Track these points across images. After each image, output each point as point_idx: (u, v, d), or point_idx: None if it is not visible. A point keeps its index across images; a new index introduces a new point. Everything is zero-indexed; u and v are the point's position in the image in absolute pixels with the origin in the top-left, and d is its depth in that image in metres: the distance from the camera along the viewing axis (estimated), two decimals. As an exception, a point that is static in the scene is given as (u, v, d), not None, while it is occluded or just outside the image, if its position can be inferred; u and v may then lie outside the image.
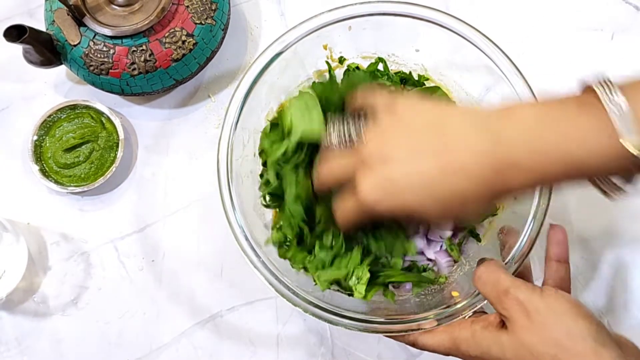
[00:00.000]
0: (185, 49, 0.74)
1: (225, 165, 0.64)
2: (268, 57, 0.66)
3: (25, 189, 0.78)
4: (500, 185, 0.49)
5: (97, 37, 0.72)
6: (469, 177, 0.49)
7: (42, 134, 0.77)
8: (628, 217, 0.76)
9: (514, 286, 0.53)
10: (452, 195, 0.50)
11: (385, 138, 0.54)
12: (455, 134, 0.51)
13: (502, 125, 0.49)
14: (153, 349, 0.74)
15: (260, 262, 0.62)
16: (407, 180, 0.51)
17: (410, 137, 0.52)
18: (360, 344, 0.74)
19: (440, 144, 0.51)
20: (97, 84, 0.75)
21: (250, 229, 0.63)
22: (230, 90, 0.81)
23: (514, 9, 0.83)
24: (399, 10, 0.66)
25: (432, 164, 0.51)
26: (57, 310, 0.75)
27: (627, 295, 0.75)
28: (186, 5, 0.74)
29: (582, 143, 0.46)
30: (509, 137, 0.49)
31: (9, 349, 0.74)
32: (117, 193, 0.78)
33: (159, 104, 0.81)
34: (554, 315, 0.50)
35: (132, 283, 0.76)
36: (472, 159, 0.49)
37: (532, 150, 0.48)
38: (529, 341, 0.50)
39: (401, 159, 0.52)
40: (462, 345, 0.55)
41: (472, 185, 0.50)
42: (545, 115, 0.48)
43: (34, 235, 0.77)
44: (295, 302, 0.61)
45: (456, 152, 0.50)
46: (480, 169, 0.49)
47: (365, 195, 0.53)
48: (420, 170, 0.51)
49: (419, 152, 0.51)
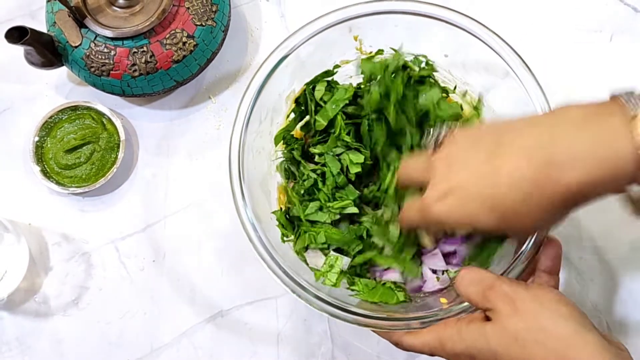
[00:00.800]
0: (186, 50, 0.74)
1: (237, 143, 0.64)
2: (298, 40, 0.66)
3: (27, 189, 0.78)
4: (554, 183, 0.48)
5: (98, 38, 0.73)
6: (521, 177, 0.49)
7: (44, 135, 0.78)
8: (627, 217, 0.76)
9: (499, 280, 0.53)
10: (508, 200, 0.50)
11: (455, 147, 0.55)
12: (511, 135, 0.51)
13: (550, 122, 0.49)
14: (154, 349, 0.74)
15: (259, 241, 0.62)
16: (467, 188, 0.52)
17: (474, 145, 0.53)
18: (360, 344, 0.74)
19: (495, 146, 0.52)
20: (98, 85, 0.76)
21: (254, 206, 0.63)
22: (231, 91, 0.82)
23: (513, 10, 0.83)
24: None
25: (486, 165, 0.51)
26: (58, 310, 0.75)
27: (626, 296, 0.75)
28: (187, 6, 0.74)
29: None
30: (558, 133, 0.48)
31: (10, 349, 0.74)
32: (118, 194, 0.79)
33: (159, 105, 0.82)
34: (538, 303, 0.51)
35: (132, 283, 0.76)
36: (523, 156, 0.49)
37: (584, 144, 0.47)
38: (513, 327, 0.50)
39: (462, 165, 0.53)
40: (448, 343, 0.54)
41: (525, 186, 0.49)
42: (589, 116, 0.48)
43: (35, 236, 0.77)
44: (310, 302, 0.60)
45: (509, 152, 0.50)
46: (530, 166, 0.49)
47: (428, 204, 0.55)
48: (473, 171, 0.52)
49: (477, 155, 0.52)
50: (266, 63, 0.65)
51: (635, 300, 0.74)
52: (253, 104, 0.65)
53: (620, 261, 0.75)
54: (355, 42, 0.70)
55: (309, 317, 0.75)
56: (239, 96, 0.81)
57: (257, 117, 0.66)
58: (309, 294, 0.60)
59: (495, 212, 0.51)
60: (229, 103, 0.81)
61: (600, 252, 0.76)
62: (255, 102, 0.65)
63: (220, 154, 0.79)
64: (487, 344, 0.51)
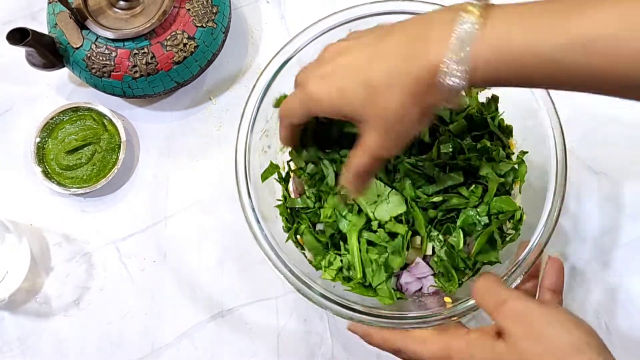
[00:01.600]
0: (187, 51, 0.74)
1: (245, 135, 0.64)
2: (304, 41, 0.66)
3: (28, 190, 0.79)
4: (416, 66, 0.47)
5: (99, 40, 0.73)
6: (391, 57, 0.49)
7: (45, 136, 0.78)
8: (627, 216, 0.77)
9: (512, 297, 0.52)
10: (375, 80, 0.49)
11: (343, 46, 0.54)
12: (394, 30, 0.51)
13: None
14: (154, 348, 0.74)
15: (264, 238, 0.62)
16: (340, 69, 0.52)
17: (361, 43, 0.53)
18: (361, 344, 0.74)
19: (377, 38, 0.51)
20: (99, 86, 0.76)
21: (260, 205, 0.64)
22: (232, 93, 0.82)
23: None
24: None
25: (364, 52, 0.51)
26: (59, 310, 0.76)
27: (625, 297, 0.75)
28: (187, 8, 0.74)
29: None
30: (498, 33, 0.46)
31: (12, 349, 0.74)
32: (119, 194, 0.79)
33: (160, 106, 0.82)
34: (551, 325, 0.49)
35: (133, 284, 0.76)
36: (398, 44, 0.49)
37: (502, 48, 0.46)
38: (527, 350, 0.49)
39: (346, 52, 0.52)
40: (457, 355, 0.53)
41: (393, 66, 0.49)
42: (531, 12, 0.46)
43: (37, 236, 0.77)
44: (317, 301, 0.60)
45: (387, 41, 0.50)
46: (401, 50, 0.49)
47: (307, 81, 0.54)
48: (352, 58, 0.51)
49: (360, 46, 0.52)
50: (271, 64, 0.66)
51: (634, 302, 0.75)
52: (259, 103, 0.65)
53: (620, 262, 0.76)
54: None
55: (309, 317, 0.75)
56: (239, 97, 0.82)
57: (263, 117, 0.66)
58: (314, 292, 0.60)
59: (367, 87, 0.50)
60: (229, 104, 0.82)
61: (600, 253, 0.76)
62: (262, 101, 0.65)
63: (220, 155, 0.80)
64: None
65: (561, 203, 0.60)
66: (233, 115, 0.81)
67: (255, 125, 0.65)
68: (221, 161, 0.80)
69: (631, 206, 0.77)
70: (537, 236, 0.59)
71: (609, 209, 0.77)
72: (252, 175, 0.64)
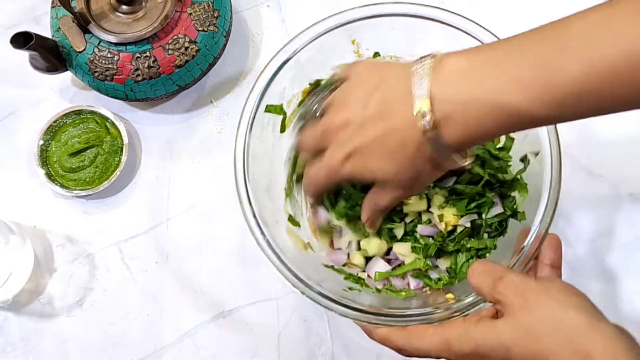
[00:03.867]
0: (188, 55, 0.75)
1: (243, 138, 0.65)
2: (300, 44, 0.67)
3: (32, 192, 0.79)
4: (436, 142, 0.51)
5: (102, 43, 0.74)
6: (409, 134, 0.52)
7: (48, 139, 0.79)
8: (622, 218, 0.77)
9: (509, 272, 0.53)
10: (396, 152, 0.54)
11: (342, 100, 0.58)
12: (393, 94, 0.54)
13: (433, 79, 0.51)
14: (156, 349, 0.75)
15: (265, 241, 0.63)
16: (360, 151, 0.55)
17: (360, 99, 0.56)
18: (360, 344, 0.75)
19: (383, 103, 0.54)
20: (101, 89, 0.77)
21: (260, 209, 0.64)
22: (233, 96, 0.83)
23: (508, 13, 0.83)
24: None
25: (377, 127, 0.54)
26: (62, 311, 0.76)
27: (621, 298, 0.75)
28: (189, 12, 0.75)
29: (521, 88, 0.47)
30: (440, 92, 0.50)
31: (15, 349, 0.75)
32: (122, 196, 0.80)
33: (162, 109, 0.82)
34: (548, 295, 0.50)
35: (135, 284, 0.77)
36: (406, 121, 0.52)
37: (464, 102, 0.49)
38: (525, 320, 0.49)
39: (356, 122, 0.55)
40: (455, 343, 0.52)
41: (412, 141, 0.52)
42: (475, 64, 0.50)
43: (40, 238, 0.78)
44: (321, 302, 0.61)
45: (397, 111, 0.53)
46: (413, 130, 0.51)
47: (336, 166, 0.57)
48: (365, 139, 0.55)
49: (369, 112, 0.55)
50: (268, 67, 0.66)
51: (630, 303, 0.75)
52: (256, 107, 0.66)
53: (618, 262, 0.76)
54: (353, 45, 0.71)
55: (309, 318, 0.76)
56: (240, 100, 0.81)
57: (260, 122, 0.67)
58: (314, 292, 0.61)
59: (396, 163, 0.54)
60: (230, 107, 0.82)
61: (598, 253, 0.76)
62: (259, 106, 0.66)
63: (222, 157, 0.80)
64: (499, 339, 0.50)
65: (555, 205, 0.60)
66: (234, 118, 0.81)
67: (253, 128, 0.66)
68: (222, 163, 0.80)
69: (626, 208, 0.77)
70: (528, 241, 0.60)
71: (604, 210, 0.77)
72: (251, 180, 0.65)
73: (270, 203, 0.69)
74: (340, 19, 0.67)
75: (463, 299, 0.59)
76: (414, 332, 0.56)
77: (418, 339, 0.56)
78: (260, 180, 0.67)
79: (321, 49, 0.69)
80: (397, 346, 0.58)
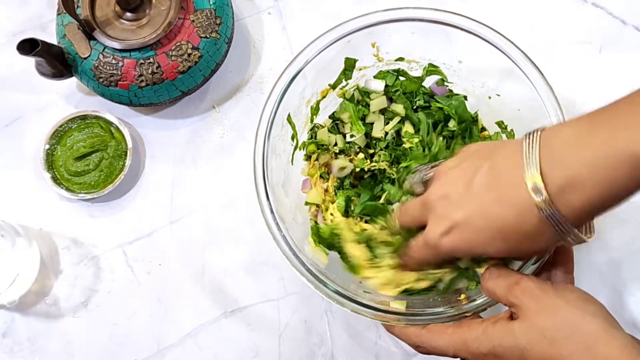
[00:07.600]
0: (191, 61, 0.76)
1: (263, 137, 0.66)
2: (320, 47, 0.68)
3: (38, 195, 0.80)
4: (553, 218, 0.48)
5: (107, 50, 0.74)
6: (522, 211, 0.49)
7: (54, 143, 0.79)
8: (617, 221, 0.77)
9: (525, 277, 0.53)
10: (508, 230, 0.50)
11: (446, 172, 0.56)
12: (505, 166, 0.51)
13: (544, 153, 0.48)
14: (160, 349, 0.76)
15: (280, 235, 0.64)
16: (460, 226, 0.52)
17: (465, 174, 0.53)
18: (359, 345, 0.76)
19: (490, 177, 0.51)
20: (106, 95, 0.77)
21: (277, 206, 0.65)
22: (234, 101, 0.84)
23: (505, 22, 0.84)
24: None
25: (487, 198, 0.51)
26: (67, 312, 0.77)
27: (615, 301, 0.76)
28: (192, 19, 0.76)
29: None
30: (558, 155, 0.47)
31: (22, 348, 0.76)
32: (126, 200, 0.80)
33: (165, 114, 0.83)
34: (566, 300, 0.50)
35: (139, 286, 0.78)
36: (523, 190, 0.48)
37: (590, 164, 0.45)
38: (542, 324, 0.49)
39: (459, 196, 0.53)
40: (473, 343, 0.53)
41: (527, 218, 0.49)
42: (582, 130, 0.47)
43: (46, 240, 0.79)
44: (337, 300, 0.62)
45: (506, 186, 0.50)
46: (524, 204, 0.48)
47: (435, 241, 0.54)
48: (467, 213, 0.52)
49: (474, 188, 0.52)
50: (290, 66, 0.67)
51: (623, 306, 0.76)
52: (277, 106, 0.67)
53: (609, 266, 0.77)
54: (373, 48, 0.73)
55: (309, 318, 0.77)
56: (242, 106, 0.83)
57: (280, 121, 0.68)
58: (330, 289, 0.61)
59: (508, 241, 0.51)
60: (232, 112, 0.83)
61: (590, 257, 0.77)
62: (279, 105, 0.67)
63: (223, 161, 0.81)
64: (515, 341, 0.50)
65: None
66: (236, 123, 0.83)
67: (272, 130, 0.66)
68: (224, 167, 0.81)
69: (621, 210, 0.77)
70: None
71: (620, 216, 0.77)
72: (270, 179, 0.66)
73: (285, 198, 0.70)
74: (361, 22, 0.68)
75: (476, 300, 0.60)
76: (433, 330, 0.58)
77: (437, 338, 0.57)
78: (277, 178, 0.68)
79: (342, 51, 0.70)
80: (415, 343, 0.59)
